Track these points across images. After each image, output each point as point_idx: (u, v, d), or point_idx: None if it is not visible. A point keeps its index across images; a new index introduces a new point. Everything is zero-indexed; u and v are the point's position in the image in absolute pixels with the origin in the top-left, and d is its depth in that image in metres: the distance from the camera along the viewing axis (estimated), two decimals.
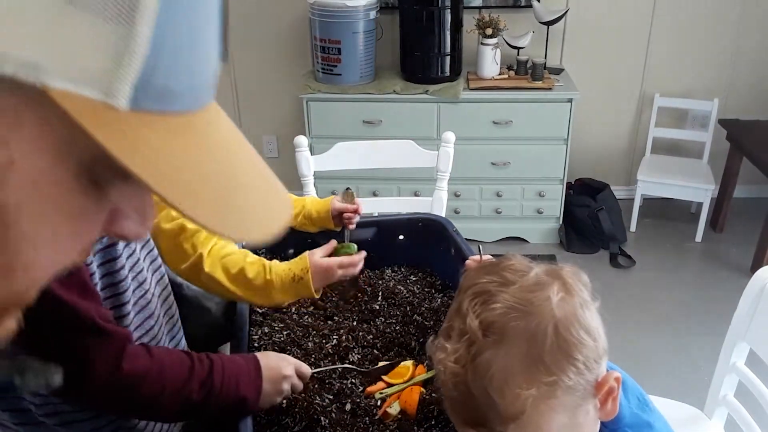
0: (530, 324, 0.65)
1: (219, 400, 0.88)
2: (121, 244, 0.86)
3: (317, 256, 1.13)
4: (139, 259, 0.91)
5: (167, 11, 0.28)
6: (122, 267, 0.86)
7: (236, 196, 0.33)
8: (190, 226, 1.05)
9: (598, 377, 0.69)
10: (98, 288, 0.84)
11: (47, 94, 0.25)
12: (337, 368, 1.10)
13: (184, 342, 1.07)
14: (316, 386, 1.05)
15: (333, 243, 1.19)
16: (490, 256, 1.15)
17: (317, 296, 1.13)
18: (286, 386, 0.97)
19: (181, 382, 0.86)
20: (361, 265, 1.17)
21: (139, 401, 0.85)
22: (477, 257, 1.14)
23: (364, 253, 1.18)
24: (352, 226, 1.35)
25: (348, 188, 1.36)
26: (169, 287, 1.03)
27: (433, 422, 1.00)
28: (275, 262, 1.13)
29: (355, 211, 1.31)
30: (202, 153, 0.32)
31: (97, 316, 0.79)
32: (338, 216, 1.35)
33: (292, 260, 1.13)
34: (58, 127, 0.27)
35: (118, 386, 0.82)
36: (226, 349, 1.35)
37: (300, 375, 1.00)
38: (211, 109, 0.34)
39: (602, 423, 0.74)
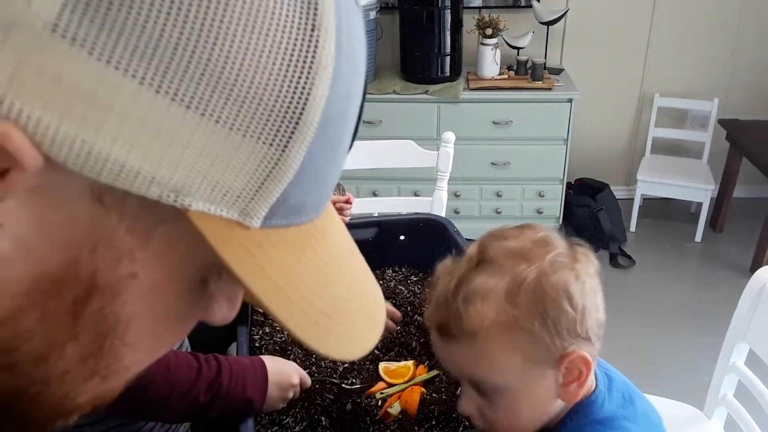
0: (519, 266, 0.70)
1: (226, 401, 0.88)
2: None
3: None
4: None
5: (320, 137, 0.27)
6: None
7: (342, 313, 0.33)
8: None
9: (567, 350, 0.69)
10: None
11: (184, 214, 0.25)
12: (331, 381, 1.09)
13: (186, 342, 1.07)
14: (317, 386, 1.05)
15: None
16: None
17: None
18: (291, 394, 0.97)
19: (189, 383, 0.86)
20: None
21: (146, 403, 0.84)
22: None
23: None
24: (346, 219, 1.35)
25: (338, 183, 1.37)
26: None
27: (433, 422, 1.00)
28: None
29: (347, 202, 1.31)
30: (317, 267, 0.32)
31: None
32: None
33: None
34: (184, 244, 0.27)
35: (127, 386, 0.81)
36: (233, 350, 1.35)
37: (302, 384, 1.00)
38: (327, 213, 0.34)
39: (568, 416, 0.75)
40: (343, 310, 0.33)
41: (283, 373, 0.96)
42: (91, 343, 0.27)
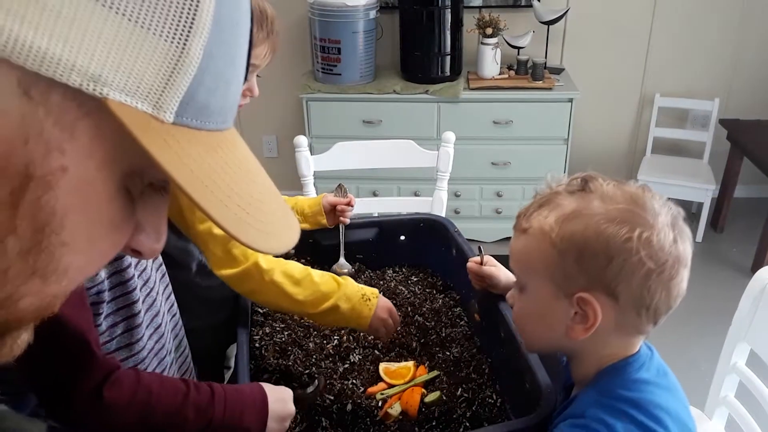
0: (592, 203, 0.76)
1: (221, 430, 0.84)
2: None
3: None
4: (145, 264, 0.91)
5: (215, 37, 0.31)
6: (129, 265, 0.87)
7: (258, 211, 0.36)
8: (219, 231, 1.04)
9: (585, 291, 0.74)
10: (107, 296, 0.83)
11: (105, 105, 0.28)
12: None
13: (185, 341, 1.06)
14: (316, 385, 1.05)
15: None
16: (491, 257, 1.15)
17: (367, 329, 1.11)
18: (287, 424, 0.92)
19: (174, 408, 0.81)
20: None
21: (125, 428, 0.81)
22: (477, 258, 1.15)
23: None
24: (347, 221, 1.35)
25: (340, 184, 1.37)
26: (170, 286, 1.03)
27: (434, 423, 1.00)
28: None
29: (348, 204, 1.31)
30: (231, 169, 0.35)
31: (92, 339, 0.78)
32: (332, 212, 1.35)
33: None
34: (109, 138, 0.29)
35: (99, 413, 0.78)
36: (233, 350, 1.35)
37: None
38: (233, 131, 0.38)
39: (606, 372, 0.78)
40: (259, 209, 0.36)
41: (282, 400, 0.91)
42: (30, 237, 0.28)
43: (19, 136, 0.27)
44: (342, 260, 1.29)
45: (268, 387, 0.91)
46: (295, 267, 1.10)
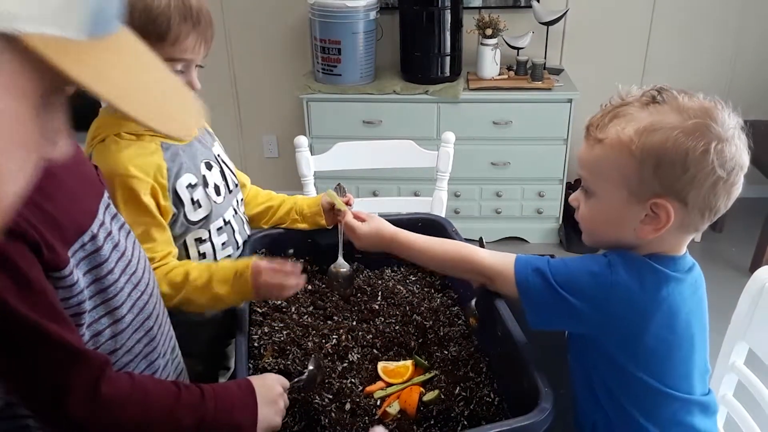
0: (669, 116, 0.83)
1: (214, 426, 0.83)
2: (107, 247, 0.83)
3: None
4: (131, 260, 0.89)
5: None
6: (109, 271, 0.83)
7: (164, 99, 0.41)
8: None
9: (659, 196, 0.82)
10: (87, 296, 0.80)
11: (19, 39, 0.29)
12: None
13: (175, 342, 1.04)
14: (317, 385, 1.05)
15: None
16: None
17: (255, 298, 1.15)
18: (282, 404, 0.92)
19: (168, 407, 0.81)
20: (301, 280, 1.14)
21: (123, 428, 0.79)
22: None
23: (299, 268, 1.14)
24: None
25: (339, 183, 1.37)
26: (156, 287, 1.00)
27: (432, 422, 1.00)
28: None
29: (347, 203, 1.32)
30: (134, 65, 0.39)
31: (72, 338, 0.75)
32: (330, 211, 1.35)
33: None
34: (27, 69, 0.31)
35: (98, 412, 0.76)
36: (231, 350, 1.35)
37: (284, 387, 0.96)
38: (126, 30, 0.41)
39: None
40: (164, 94, 0.42)
41: (266, 386, 0.91)
42: None
43: None
44: (340, 260, 1.29)
45: (252, 378, 0.91)
46: (177, 273, 1.10)
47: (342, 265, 1.29)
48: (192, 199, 1.17)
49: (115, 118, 1.12)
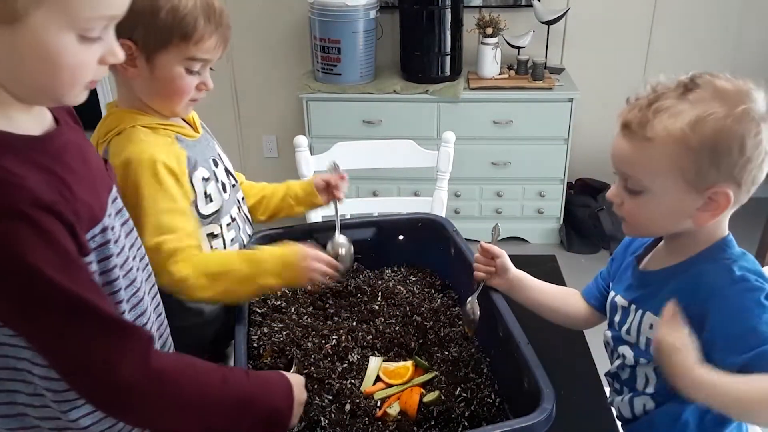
0: (714, 104, 0.83)
1: (255, 408, 0.84)
2: (112, 241, 0.83)
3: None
4: (128, 258, 0.88)
5: None
6: (114, 266, 0.84)
7: None
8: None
9: (717, 183, 0.85)
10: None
11: None
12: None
13: (170, 341, 1.04)
14: (316, 386, 1.05)
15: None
16: (494, 246, 1.17)
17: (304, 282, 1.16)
18: (301, 409, 0.93)
19: (218, 383, 0.82)
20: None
21: (174, 401, 0.78)
22: (487, 243, 1.18)
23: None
24: (341, 196, 1.37)
25: (334, 162, 1.36)
26: (156, 286, 1.01)
27: (432, 423, 1.00)
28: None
29: (342, 179, 1.30)
30: None
31: (116, 313, 0.76)
32: (325, 189, 1.36)
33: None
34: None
35: (150, 384, 0.75)
36: (231, 350, 1.34)
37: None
38: None
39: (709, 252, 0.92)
40: None
41: (299, 385, 0.92)
42: None
43: None
44: (338, 236, 1.28)
45: (287, 374, 0.92)
46: (213, 263, 1.11)
47: (341, 244, 1.28)
48: (205, 193, 1.17)
49: (128, 113, 1.12)
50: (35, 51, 0.69)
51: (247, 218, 1.35)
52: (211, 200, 1.19)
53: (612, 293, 1.08)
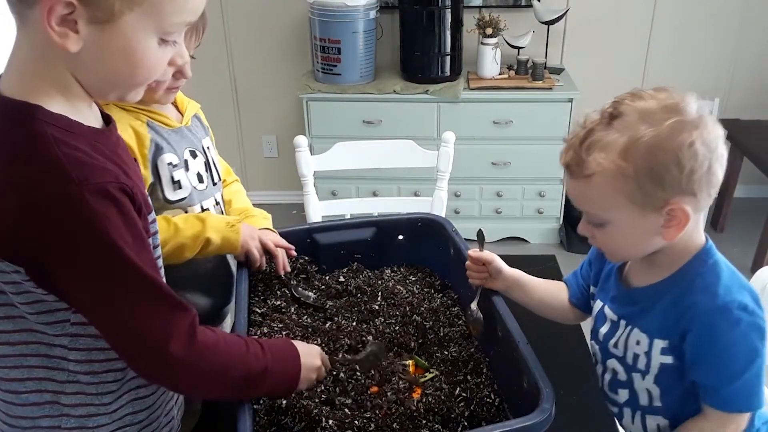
0: (640, 126, 0.83)
1: (273, 375, 0.91)
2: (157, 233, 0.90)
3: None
4: (158, 245, 0.92)
5: None
6: (159, 256, 0.91)
7: None
8: None
9: (669, 200, 0.84)
10: None
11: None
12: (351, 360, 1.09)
13: None
14: (316, 386, 1.05)
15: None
16: (483, 253, 1.16)
17: (238, 251, 1.23)
18: (314, 376, 1.00)
19: (242, 355, 0.89)
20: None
21: (212, 372, 0.85)
22: (475, 251, 1.17)
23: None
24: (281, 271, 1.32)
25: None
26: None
27: (433, 423, 0.99)
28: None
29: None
30: None
31: (170, 289, 0.81)
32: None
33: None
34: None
35: (195, 356, 0.82)
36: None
37: (324, 365, 1.03)
38: None
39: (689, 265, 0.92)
40: None
41: (310, 354, 0.99)
42: None
43: None
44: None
45: (296, 342, 1.00)
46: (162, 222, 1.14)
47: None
48: (172, 178, 1.19)
49: None
50: (122, 50, 0.73)
51: (223, 213, 1.34)
52: (179, 187, 1.20)
53: (599, 302, 1.06)
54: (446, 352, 1.14)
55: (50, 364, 0.83)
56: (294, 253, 1.33)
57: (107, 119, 0.86)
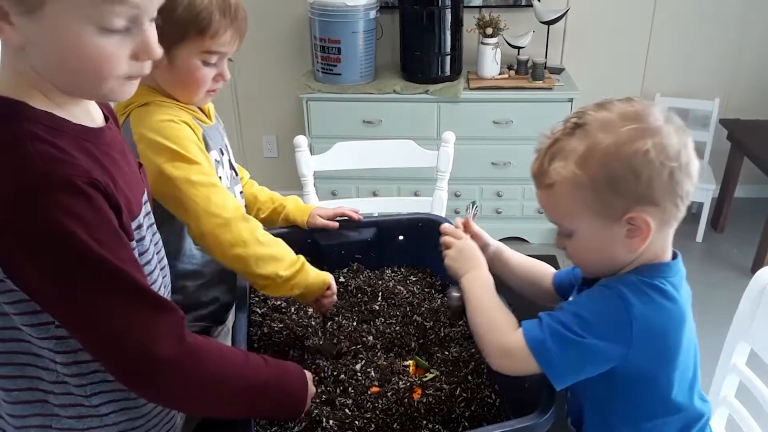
0: (599, 135, 0.83)
1: (272, 392, 0.87)
2: (143, 241, 0.87)
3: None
4: (151, 260, 0.91)
5: None
6: (144, 263, 0.87)
7: None
8: (218, 183, 1.10)
9: (630, 210, 0.83)
10: None
11: None
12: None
13: None
14: (316, 383, 1.05)
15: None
16: (474, 224, 1.19)
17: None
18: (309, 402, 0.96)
19: (239, 365, 0.84)
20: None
21: (205, 378, 0.80)
22: (462, 220, 1.18)
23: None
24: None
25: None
26: (169, 276, 1.02)
27: (433, 423, 0.99)
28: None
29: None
30: None
31: (153, 290, 0.78)
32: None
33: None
34: None
35: (185, 359, 0.77)
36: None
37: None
38: None
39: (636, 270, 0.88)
40: None
41: (311, 380, 0.97)
42: None
43: None
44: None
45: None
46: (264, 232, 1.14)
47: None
48: (216, 174, 1.19)
49: (146, 89, 1.13)
50: (56, 41, 0.70)
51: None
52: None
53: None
54: (447, 353, 1.14)
55: (40, 364, 0.81)
56: (349, 213, 1.40)
57: (113, 118, 0.86)
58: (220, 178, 1.19)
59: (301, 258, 1.15)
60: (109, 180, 0.75)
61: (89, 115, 0.81)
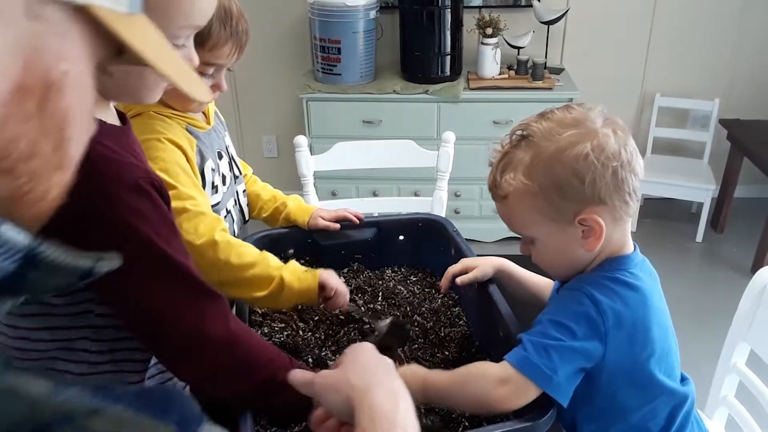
0: (542, 143, 0.86)
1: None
2: None
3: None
4: None
5: None
6: None
7: (183, 66, 0.49)
8: (192, 207, 1.07)
9: (580, 212, 0.86)
10: None
11: (85, 10, 0.33)
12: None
13: None
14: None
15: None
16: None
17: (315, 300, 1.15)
18: None
19: (273, 353, 0.89)
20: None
21: (243, 363, 0.85)
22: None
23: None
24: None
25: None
26: None
27: (433, 423, 0.99)
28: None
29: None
30: (159, 38, 0.44)
31: (190, 263, 0.82)
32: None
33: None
34: (87, 36, 0.35)
35: (230, 344, 0.83)
36: None
37: None
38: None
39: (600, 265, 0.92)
40: (185, 67, 0.50)
41: None
42: (55, 137, 0.34)
43: (33, 52, 0.31)
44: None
45: None
46: (250, 249, 1.12)
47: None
48: (213, 183, 1.19)
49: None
50: (138, 76, 0.74)
51: (242, 211, 1.35)
52: (216, 192, 1.20)
53: None
54: (447, 353, 1.14)
55: (72, 357, 0.85)
56: (351, 216, 1.38)
57: (123, 119, 0.87)
58: (215, 186, 1.18)
59: (282, 273, 1.10)
60: (156, 175, 0.80)
61: (112, 116, 0.84)
